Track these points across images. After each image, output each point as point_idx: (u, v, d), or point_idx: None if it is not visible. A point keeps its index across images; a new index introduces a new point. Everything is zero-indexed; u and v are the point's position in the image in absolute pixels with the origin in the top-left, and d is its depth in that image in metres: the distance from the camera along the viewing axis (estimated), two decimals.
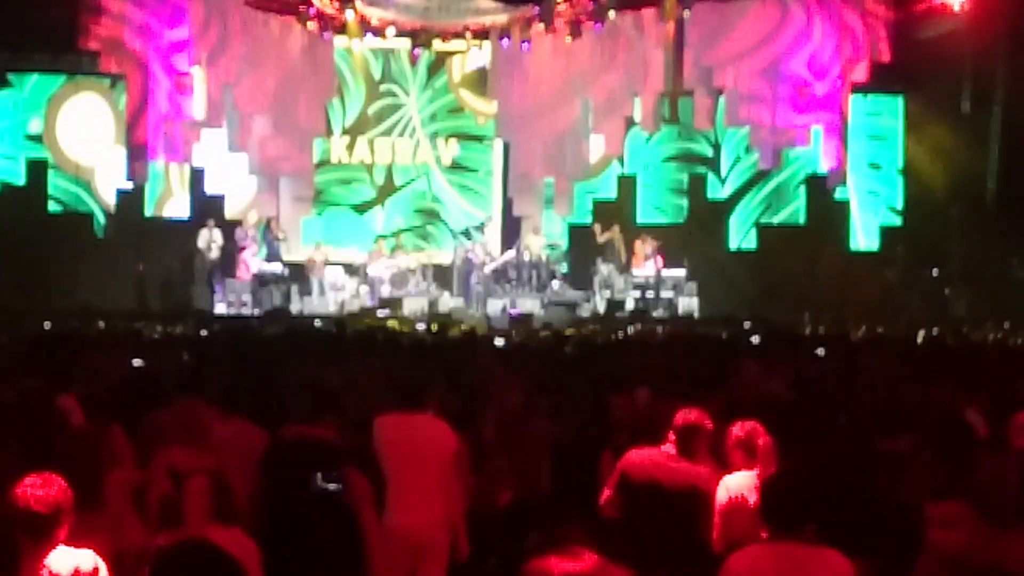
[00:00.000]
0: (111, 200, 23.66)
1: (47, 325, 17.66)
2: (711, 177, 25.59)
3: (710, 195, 25.36)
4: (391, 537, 6.74)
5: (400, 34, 25.06)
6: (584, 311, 22.71)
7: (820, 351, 13.02)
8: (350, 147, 25.85)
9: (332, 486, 6.79)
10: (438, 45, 25.63)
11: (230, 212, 24.10)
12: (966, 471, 5.74)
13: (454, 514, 6.93)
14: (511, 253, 23.81)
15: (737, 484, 6.23)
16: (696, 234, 24.25)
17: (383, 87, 25.96)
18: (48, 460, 5.25)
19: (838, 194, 24.43)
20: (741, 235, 25.19)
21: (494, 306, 22.50)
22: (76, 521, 4.67)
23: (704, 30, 23.92)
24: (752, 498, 5.75)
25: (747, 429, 6.37)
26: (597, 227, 24.04)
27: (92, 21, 21.41)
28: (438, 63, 26.02)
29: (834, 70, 23.51)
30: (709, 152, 25.83)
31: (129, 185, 23.18)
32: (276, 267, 22.90)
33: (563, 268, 24.31)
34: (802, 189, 24.96)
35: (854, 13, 23.21)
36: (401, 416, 7.00)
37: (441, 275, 24.04)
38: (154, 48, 22.22)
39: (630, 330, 19.25)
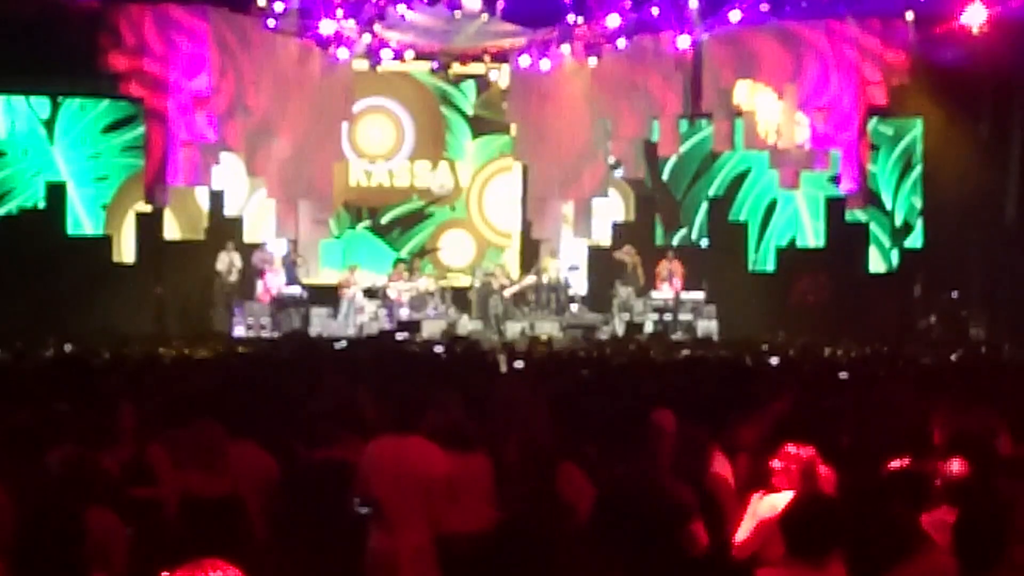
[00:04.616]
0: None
1: (68, 348, 17.63)
2: (731, 199, 25.58)
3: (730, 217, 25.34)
4: (375, 561, 6.74)
5: (419, 57, 25.13)
6: (603, 334, 22.68)
7: (843, 375, 12.90)
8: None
9: (365, 510, 6.78)
10: (457, 68, 25.71)
11: (249, 235, 24.20)
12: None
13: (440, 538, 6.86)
14: (532, 277, 23.80)
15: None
16: (716, 256, 24.27)
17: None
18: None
19: (857, 216, 24.39)
20: (760, 257, 25.14)
21: (513, 329, 22.48)
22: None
23: (722, 60, 23.91)
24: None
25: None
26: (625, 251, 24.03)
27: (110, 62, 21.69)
28: None
29: (854, 120, 23.47)
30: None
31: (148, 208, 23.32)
32: (295, 290, 22.95)
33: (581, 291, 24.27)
34: (821, 211, 24.88)
35: (871, 64, 23.19)
36: (390, 439, 6.97)
37: (460, 298, 24.03)
38: (174, 103, 22.39)
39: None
